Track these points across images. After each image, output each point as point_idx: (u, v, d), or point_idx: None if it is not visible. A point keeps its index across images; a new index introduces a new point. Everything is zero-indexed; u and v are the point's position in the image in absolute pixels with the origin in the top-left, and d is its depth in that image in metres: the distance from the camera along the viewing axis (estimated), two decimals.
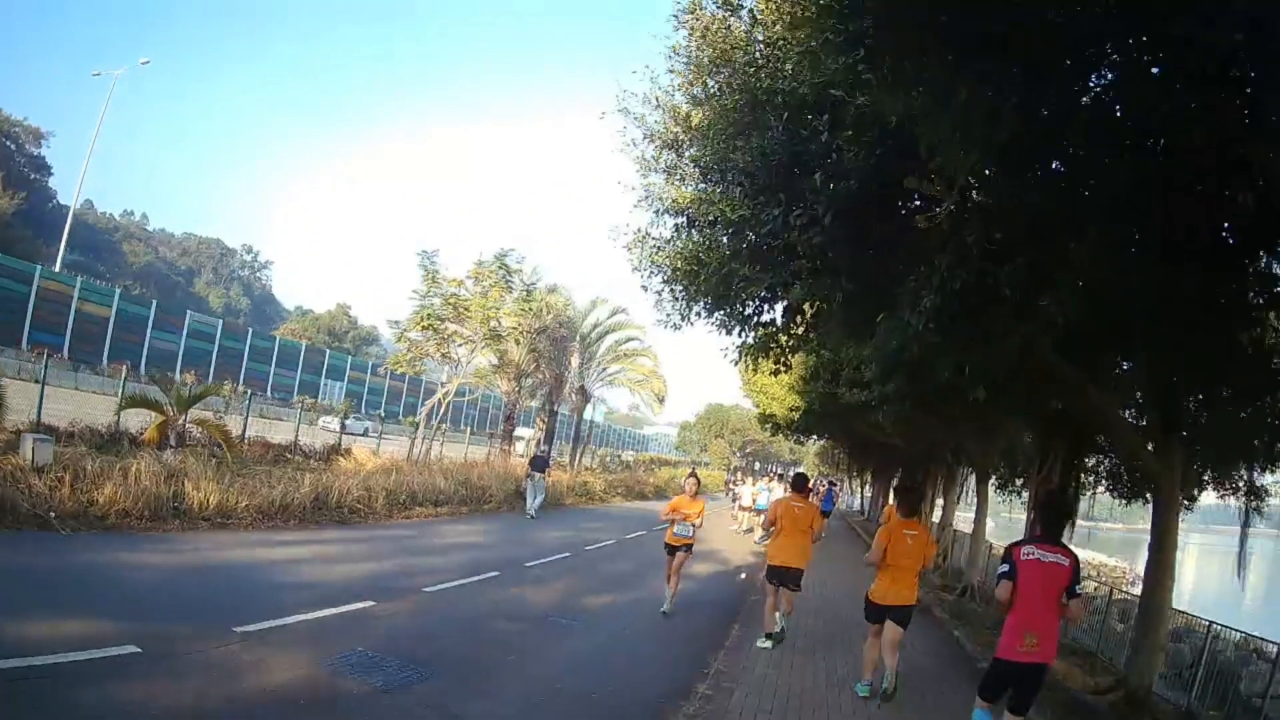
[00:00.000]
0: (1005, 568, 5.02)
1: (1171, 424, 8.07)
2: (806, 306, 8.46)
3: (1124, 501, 12.49)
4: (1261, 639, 9.93)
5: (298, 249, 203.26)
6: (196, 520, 11.01)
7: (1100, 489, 13.09)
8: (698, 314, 9.77)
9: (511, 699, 6.11)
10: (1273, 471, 10.54)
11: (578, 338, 32.27)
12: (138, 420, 13.82)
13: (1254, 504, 10.58)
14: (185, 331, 43.64)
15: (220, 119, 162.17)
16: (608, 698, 6.52)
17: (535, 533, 17.57)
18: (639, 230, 9.85)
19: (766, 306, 8.92)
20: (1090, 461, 12.64)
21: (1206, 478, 10.58)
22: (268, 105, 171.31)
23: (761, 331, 9.26)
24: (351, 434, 24.09)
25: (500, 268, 24.61)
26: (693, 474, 10.78)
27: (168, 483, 11.02)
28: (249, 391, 24.52)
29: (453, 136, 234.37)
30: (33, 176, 75.62)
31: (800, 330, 9.24)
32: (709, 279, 8.31)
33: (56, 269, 41.71)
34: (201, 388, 16.12)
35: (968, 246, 5.44)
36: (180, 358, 39.50)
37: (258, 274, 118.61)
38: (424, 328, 23.80)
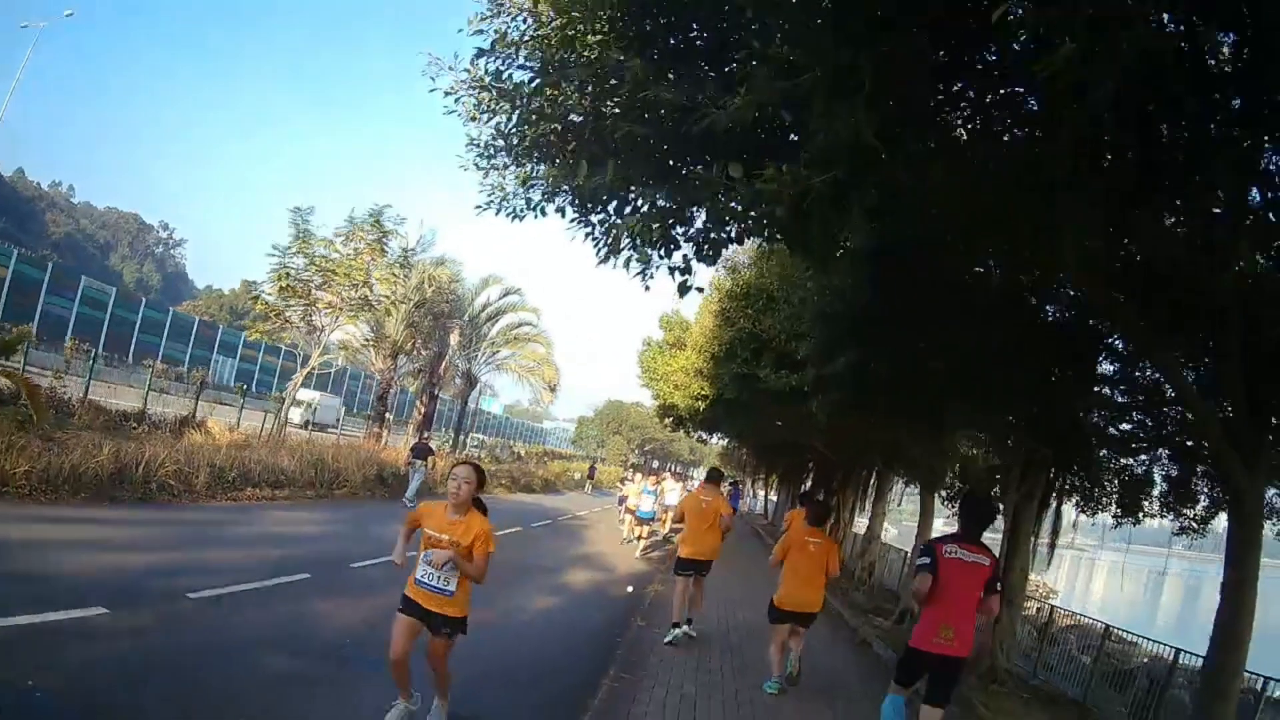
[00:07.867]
0: (926, 560, 5.01)
1: (1263, 412, 5.82)
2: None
3: (1112, 520, 10.47)
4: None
5: (218, 229, 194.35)
6: None
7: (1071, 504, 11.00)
8: (559, 209, 6.34)
9: None
10: None
11: (465, 316, 29.96)
12: None
13: None
14: (79, 297, 40.87)
15: (151, 95, 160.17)
16: None
17: (385, 524, 14.42)
18: (471, 70, 5.89)
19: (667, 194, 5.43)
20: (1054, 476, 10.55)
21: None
22: (202, 82, 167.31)
23: (658, 214, 5.55)
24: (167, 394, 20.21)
25: (374, 226, 21.37)
26: (469, 463, 4.73)
27: None
28: (91, 350, 20.54)
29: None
30: None
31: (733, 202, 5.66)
32: (581, 139, 5.30)
33: None
34: (12, 336, 14.15)
35: None
36: (72, 324, 37.29)
37: (171, 251, 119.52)
38: (282, 289, 20.34)
